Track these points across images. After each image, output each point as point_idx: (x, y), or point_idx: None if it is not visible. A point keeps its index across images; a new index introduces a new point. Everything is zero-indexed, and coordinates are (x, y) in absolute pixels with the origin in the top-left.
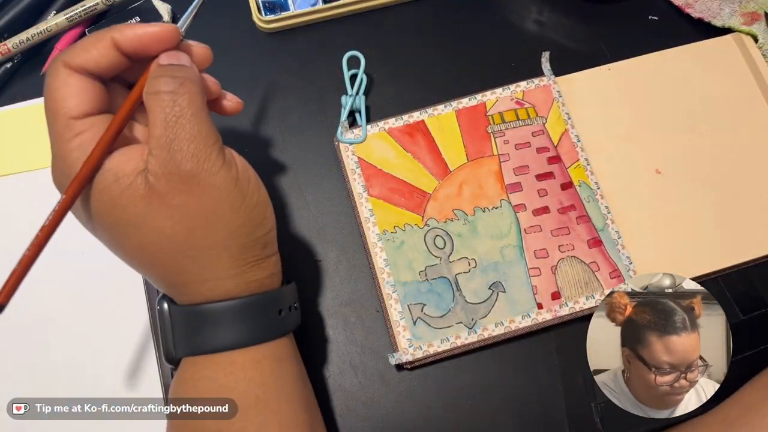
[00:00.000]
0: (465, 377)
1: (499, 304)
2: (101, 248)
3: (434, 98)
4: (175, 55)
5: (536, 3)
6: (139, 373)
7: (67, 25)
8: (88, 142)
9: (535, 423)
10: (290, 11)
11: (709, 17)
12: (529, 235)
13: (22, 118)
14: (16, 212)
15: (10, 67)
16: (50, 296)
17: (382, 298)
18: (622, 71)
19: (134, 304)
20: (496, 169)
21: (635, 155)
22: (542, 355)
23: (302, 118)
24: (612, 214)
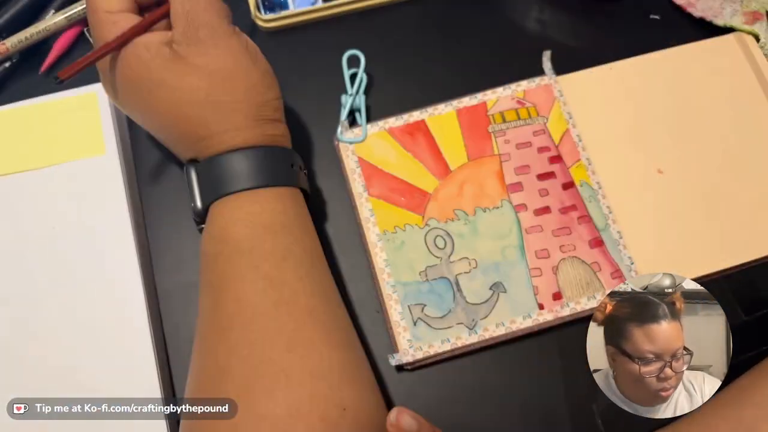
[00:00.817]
0: (466, 378)
1: (500, 305)
2: (101, 248)
3: (435, 97)
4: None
5: (537, 2)
6: (139, 373)
7: (65, 24)
8: (122, 27)
9: (537, 424)
10: (290, 10)
11: (711, 16)
12: (530, 235)
13: (21, 118)
14: (16, 212)
15: (9, 66)
16: (50, 296)
17: (382, 298)
18: (624, 70)
19: (134, 304)
20: (497, 168)
21: (637, 155)
22: (543, 356)
23: (302, 118)
24: (613, 214)
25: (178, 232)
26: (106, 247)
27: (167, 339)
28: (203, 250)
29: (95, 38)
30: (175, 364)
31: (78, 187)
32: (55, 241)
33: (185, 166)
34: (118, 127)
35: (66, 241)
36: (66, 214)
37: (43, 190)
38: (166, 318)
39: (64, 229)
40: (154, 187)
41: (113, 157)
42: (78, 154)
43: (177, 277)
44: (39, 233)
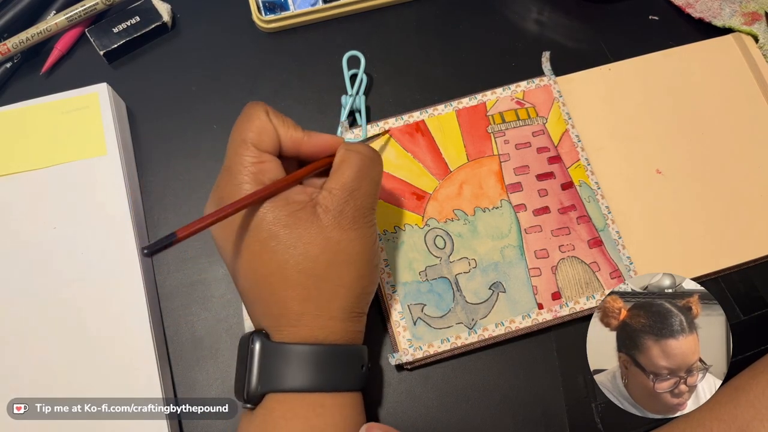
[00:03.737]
0: (465, 377)
1: (499, 305)
2: (102, 248)
3: (434, 98)
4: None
5: (537, 3)
6: (139, 373)
7: (66, 24)
8: (259, 169)
9: (536, 423)
10: (290, 11)
11: (710, 17)
12: (530, 235)
13: (22, 118)
14: (18, 212)
15: (10, 66)
16: (51, 296)
17: (382, 298)
18: (623, 71)
19: (135, 304)
20: (496, 169)
21: (636, 155)
22: (542, 356)
23: (302, 118)
24: (612, 214)
25: None
26: (107, 247)
27: (167, 339)
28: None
29: (227, 166)
30: (176, 364)
31: (79, 187)
32: (56, 241)
33: (251, 334)
34: (120, 127)
35: (67, 242)
36: (67, 215)
37: (45, 190)
38: (167, 318)
39: (65, 229)
40: (156, 188)
41: (115, 158)
42: (79, 154)
43: (177, 277)
44: (40, 233)
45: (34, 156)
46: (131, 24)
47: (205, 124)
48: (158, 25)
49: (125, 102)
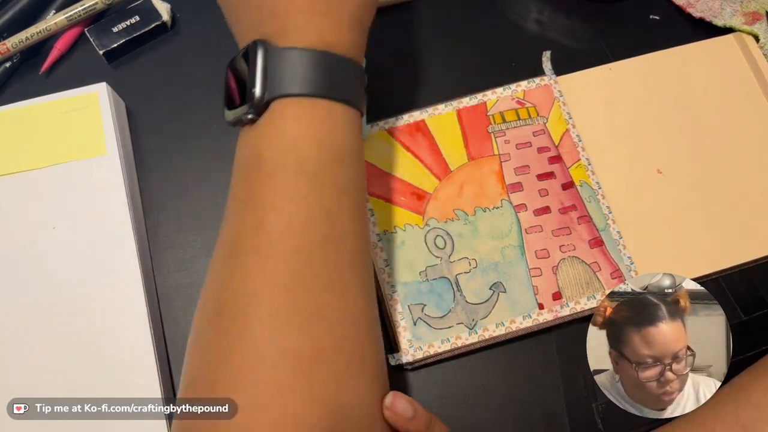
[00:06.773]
0: (465, 378)
1: (499, 305)
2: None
3: (434, 98)
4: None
5: (537, 2)
6: (139, 373)
7: (66, 24)
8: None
9: (536, 424)
10: None
11: (710, 17)
12: (530, 235)
13: (21, 118)
14: (17, 212)
15: (9, 66)
16: (51, 296)
17: (382, 298)
18: (624, 71)
19: (135, 304)
20: (496, 168)
21: (636, 155)
22: (543, 356)
23: None
24: (613, 214)
25: (179, 232)
26: (106, 247)
27: (167, 339)
28: (250, 154)
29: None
30: (176, 364)
31: (79, 187)
32: (56, 241)
33: (254, 44)
34: (120, 127)
35: (66, 242)
36: (67, 215)
37: (44, 190)
38: (166, 318)
39: (65, 229)
40: (155, 188)
41: (114, 158)
42: (79, 154)
43: (177, 277)
44: (40, 233)
45: (33, 156)
46: (131, 24)
47: (205, 124)
48: (158, 24)
49: (125, 102)
